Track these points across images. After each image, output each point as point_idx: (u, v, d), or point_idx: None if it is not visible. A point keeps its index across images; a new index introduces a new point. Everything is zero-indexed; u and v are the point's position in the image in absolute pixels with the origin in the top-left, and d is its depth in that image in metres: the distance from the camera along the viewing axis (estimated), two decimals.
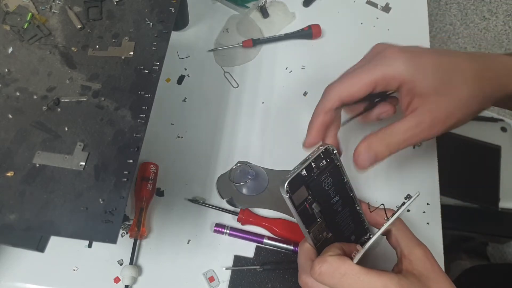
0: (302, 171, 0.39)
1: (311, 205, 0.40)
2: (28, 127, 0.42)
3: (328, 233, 0.42)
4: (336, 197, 0.42)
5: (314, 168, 0.40)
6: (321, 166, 0.40)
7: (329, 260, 0.36)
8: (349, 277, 0.35)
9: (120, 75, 0.44)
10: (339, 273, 0.35)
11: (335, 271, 0.35)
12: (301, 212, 0.40)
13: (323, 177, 0.41)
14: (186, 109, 0.61)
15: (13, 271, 0.50)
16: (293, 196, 0.39)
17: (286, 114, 0.61)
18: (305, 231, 0.41)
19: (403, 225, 0.41)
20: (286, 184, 0.38)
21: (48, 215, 0.37)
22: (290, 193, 0.38)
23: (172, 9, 0.48)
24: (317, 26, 0.65)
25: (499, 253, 1.15)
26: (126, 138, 0.41)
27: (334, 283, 0.35)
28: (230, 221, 0.53)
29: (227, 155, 0.57)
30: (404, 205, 0.38)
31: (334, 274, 0.35)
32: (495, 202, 0.94)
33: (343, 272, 0.35)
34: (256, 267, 0.50)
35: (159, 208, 0.54)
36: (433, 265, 0.37)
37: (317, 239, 0.41)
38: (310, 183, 0.40)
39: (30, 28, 0.47)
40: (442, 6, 1.12)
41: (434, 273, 0.37)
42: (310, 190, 0.40)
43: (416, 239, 0.40)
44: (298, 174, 0.39)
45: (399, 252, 0.40)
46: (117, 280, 0.50)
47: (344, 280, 0.35)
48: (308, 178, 0.40)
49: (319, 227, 0.41)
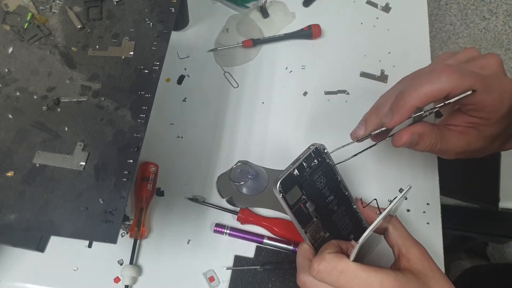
0: (294, 170, 0.39)
1: (305, 205, 0.40)
2: (28, 127, 0.42)
3: (326, 233, 0.42)
4: (331, 196, 0.42)
5: (306, 168, 0.40)
6: (313, 166, 0.41)
7: (327, 258, 0.36)
8: (347, 274, 0.35)
9: (120, 75, 0.44)
10: (337, 271, 0.35)
11: (333, 269, 0.36)
12: (296, 212, 0.40)
13: (316, 176, 0.41)
14: (186, 109, 0.61)
15: (13, 271, 0.50)
16: (287, 195, 0.39)
17: (286, 114, 0.61)
18: (301, 231, 0.41)
19: (400, 224, 0.41)
20: (279, 184, 0.38)
21: (48, 215, 0.37)
22: (283, 193, 0.39)
23: (172, 9, 0.48)
24: (317, 26, 0.65)
25: (499, 253, 1.15)
26: (126, 138, 0.41)
27: (332, 281, 0.36)
28: (230, 220, 0.53)
29: (227, 155, 0.57)
30: (395, 199, 0.38)
31: (332, 272, 0.36)
32: (495, 202, 0.94)
33: (341, 270, 0.35)
34: (257, 267, 0.50)
35: (159, 208, 0.54)
36: (430, 263, 0.38)
37: (314, 239, 0.41)
38: (303, 182, 0.40)
39: (30, 28, 0.47)
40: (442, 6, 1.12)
41: (431, 271, 0.37)
42: (303, 190, 0.40)
43: (413, 238, 0.40)
44: (290, 174, 0.39)
45: (396, 250, 0.40)
46: (117, 280, 0.50)
47: (342, 277, 0.35)
48: (300, 177, 0.40)
49: (316, 226, 0.41)
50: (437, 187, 0.56)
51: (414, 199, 0.54)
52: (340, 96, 0.62)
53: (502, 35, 1.19)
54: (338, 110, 0.61)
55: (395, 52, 0.66)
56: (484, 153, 0.44)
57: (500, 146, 0.44)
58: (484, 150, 0.44)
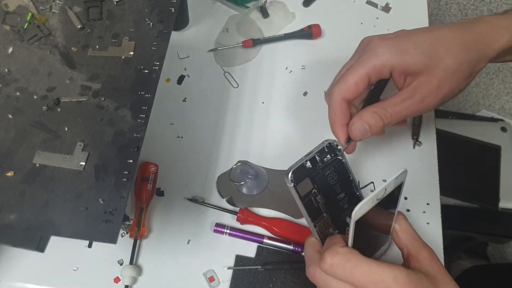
0: (306, 162, 0.39)
1: (316, 198, 0.40)
2: (28, 127, 0.42)
3: (335, 230, 0.42)
4: (342, 194, 0.42)
5: (318, 162, 0.40)
6: (325, 161, 0.41)
7: (340, 252, 0.36)
8: (361, 268, 0.35)
9: (120, 75, 0.44)
10: (350, 265, 0.35)
11: (346, 263, 0.35)
12: (306, 204, 0.40)
13: (328, 171, 0.41)
14: (186, 109, 0.61)
15: (13, 271, 0.50)
16: (298, 186, 0.39)
17: (286, 114, 0.61)
18: (310, 224, 0.41)
19: (409, 226, 0.41)
20: (291, 174, 0.38)
21: (48, 215, 0.37)
22: (294, 183, 0.38)
23: (172, 9, 0.48)
24: (317, 26, 0.65)
25: (499, 253, 1.15)
26: (126, 138, 0.41)
27: (345, 275, 0.35)
28: (230, 221, 0.53)
29: (227, 155, 0.57)
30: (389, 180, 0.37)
31: (346, 266, 0.35)
32: (495, 202, 0.95)
33: (355, 264, 0.35)
34: (258, 267, 0.50)
35: (159, 208, 0.54)
36: (439, 266, 0.37)
37: (323, 234, 0.41)
38: (315, 176, 0.40)
39: (30, 28, 0.47)
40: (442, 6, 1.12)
41: (440, 274, 0.37)
42: (315, 184, 0.40)
43: (422, 240, 0.40)
44: (303, 165, 0.39)
45: (405, 252, 0.40)
46: (117, 280, 0.50)
47: (356, 271, 0.35)
48: (312, 170, 0.40)
49: (325, 222, 0.41)
50: (437, 187, 0.55)
51: (414, 199, 0.54)
52: None
53: None
54: None
55: None
56: (454, 93, 0.45)
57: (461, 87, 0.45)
58: (448, 94, 0.45)
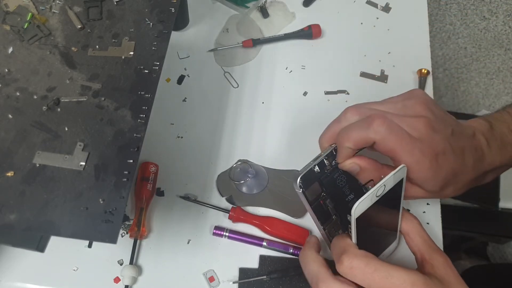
0: (314, 167, 0.39)
1: (325, 201, 0.40)
2: (28, 127, 0.42)
3: (344, 231, 0.42)
4: (351, 195, 0.42)
5: (327, 166, 0.40)
6: (334, 164, 0.41)
7: (359, 255, 0.36)
8: (380, 272, 0.35)
9: (120, 75, 0.44)
10: (370, 268, 0.35)
11: (365, 267, 0.35)
12: (315, 208, 0.40)
13: (336, 174, 0.41)
14: (186, 109, 0.61)
15: (13, 271, 0.50)
16: (307, 191, 0.39)
17: (286, 114, 0.61)
18: (319, 227, 0.41)
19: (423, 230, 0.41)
20: (299, 180, 0.38)
21: (48, 215, 0.37)
22: (303, 188, 0.38)
23: (172, 9, 0.48)
24: (317, 26, 0.65)
25: (499, 253, 1.15)
26: (126, 138, 0.41)
27: (364, 278, 0.35)
28: (228, 221, 0.53)
29: (227, 156, 0.57)
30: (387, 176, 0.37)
31: (366, 269, 0.35)
32: (495, 202, 0.95)
33: (374, 267, 0.35)
34: (263, 277, 0.49)
35: (159, 208, 0.54)
36: (454, 271, 0.37)
37: (332, 236, 0.41)
38: (323, 179, 0.40)
39: (30, 28, 0.47)
40: (442, 6, 1.12)
41: (455, 280, 0.36)
42: (323, 187, 0.40)
43: (435, 245, 0.40)
44: (311, 170, 0.39)
45: (419, 256, 0.40)
46: (117, 280, 0.50)
47: (376, 275, 0.35)
48: (321, 174, 0.40)
49: (335, 224, 0.41)
50: None
51: (414, 199, 0.54)
52: (340, 96, 0.62)
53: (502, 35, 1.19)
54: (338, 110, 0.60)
55: (395, 52, 0.66)
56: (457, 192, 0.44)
57: (456, 190, 0.43)
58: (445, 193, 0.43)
